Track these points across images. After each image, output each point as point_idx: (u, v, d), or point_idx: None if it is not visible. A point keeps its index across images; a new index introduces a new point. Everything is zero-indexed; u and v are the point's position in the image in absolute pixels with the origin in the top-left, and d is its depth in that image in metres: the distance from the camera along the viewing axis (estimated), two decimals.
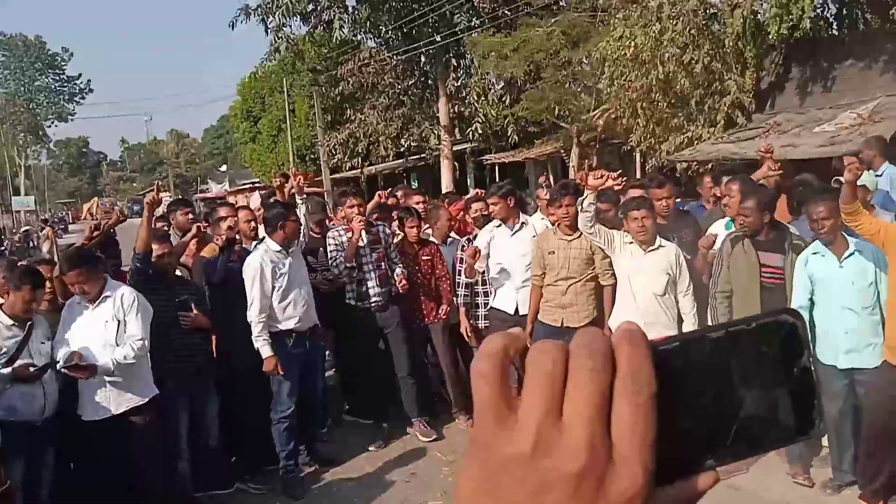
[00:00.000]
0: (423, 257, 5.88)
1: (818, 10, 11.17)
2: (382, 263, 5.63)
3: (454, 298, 5.89)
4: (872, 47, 10.06)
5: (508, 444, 0.39)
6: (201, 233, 5.37)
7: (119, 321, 4.27)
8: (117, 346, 4.23)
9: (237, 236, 5.40)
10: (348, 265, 5.44)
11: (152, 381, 4.46)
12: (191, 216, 6.04)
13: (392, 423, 5.89)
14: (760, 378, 0.40)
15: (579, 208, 4.72)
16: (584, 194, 4.66)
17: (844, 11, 11.90)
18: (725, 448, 0.40)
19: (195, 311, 4.83)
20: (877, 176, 6.00)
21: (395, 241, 5.91)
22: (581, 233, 4.93)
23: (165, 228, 5.85)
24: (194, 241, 5.40)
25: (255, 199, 6.30)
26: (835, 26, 12.07)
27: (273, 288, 4.87)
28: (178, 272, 5.11)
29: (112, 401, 4.29)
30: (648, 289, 4.63)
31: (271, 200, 6.05)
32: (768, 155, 5.41)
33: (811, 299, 4.24)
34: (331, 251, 5.56)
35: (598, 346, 0.40)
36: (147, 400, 4.39)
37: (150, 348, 4.38)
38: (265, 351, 4.83)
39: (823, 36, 11.46)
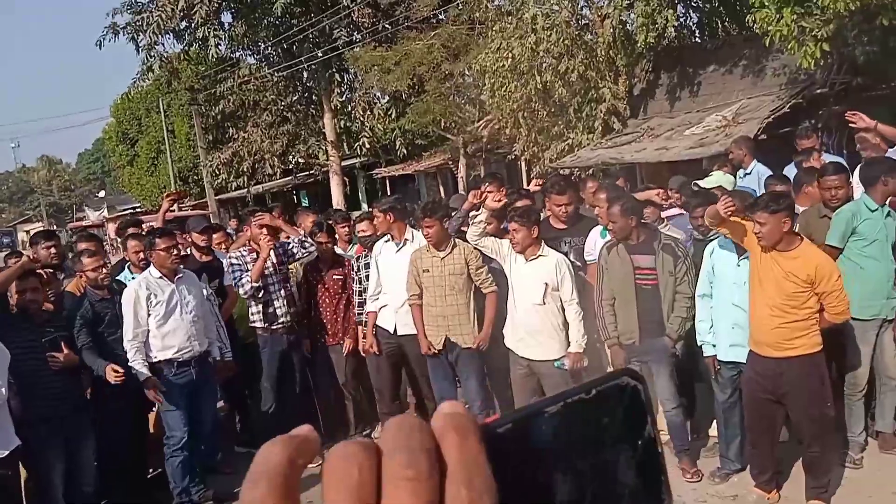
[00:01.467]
0: (335, 276, 5.70)
1: (681, 20, 11.79)
2: (288, 284, 5.53)
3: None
4: (732, 53, 10.68)
5: None
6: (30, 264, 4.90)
7: None
8: None
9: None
10: (255, 285, 5.23)
11: (13, 431, 4.06)
12: (53, 249, 5.59)
13: None
14: (604, 455, 0.36)
15: (471, 222, 4.70)
16: (480, 210, 4.66)
17: (705, 20, 12.61)
18: None
19: (65, 351, 4.48)
20: (745, 174, 6.32)
21: (310, 257, 5.75)
22: (452, 248, 4.95)
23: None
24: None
25: (111, 228, 5.97)
26: (697, 34, 12.77)
27: (149, 315, 4.63)
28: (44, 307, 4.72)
29: None
30: (528, 298, 4.65)
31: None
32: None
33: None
34: (233, 270, 5.35)
35: (417, 442, 0.31)
36: (6, 453, 3.99)
37: (14, 393, 4.03)
38: (142, 373, 4.58)
39: (687, 43, 12.10)
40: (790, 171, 5.83)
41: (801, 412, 3.98)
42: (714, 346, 4.40)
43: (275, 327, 5.42)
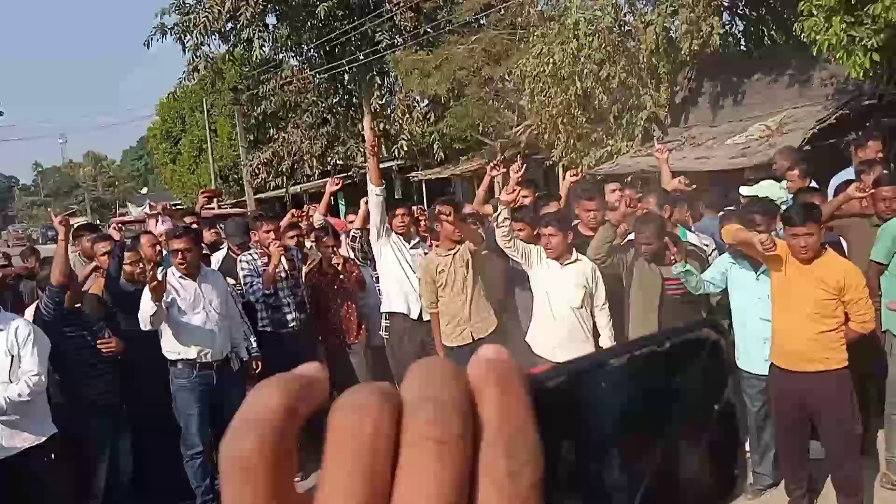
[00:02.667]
0: (340, 277, 5.72)
1: (727, 27, 11.64)
2: (298, 289, 5.49)
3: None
4: (778, 62, 10.50)
5: None
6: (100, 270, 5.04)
7: (13, 356, 3.97)
8: (10, 382, 3.94)
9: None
10: (266, 291, 5.25)
11: (50, 419, 4.16)
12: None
13: (308, 456, 5.67)
14: (675, 421, 0.31)
15: (494, 224, 4.68)
16: (499, 210, 4.63)
17: (751, 28, 12.42)
18: None
19: (113, 338, 4.58)
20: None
21: (314, 261, 5.76)
22: (460, 244, 4.94)
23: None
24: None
25: (160, 225, 5.99)
26: (742, 42, 12.58)
27: (171, 314, 4.62)
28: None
29: (5, 441, 3.98)
30: (566, 302, 4.62)
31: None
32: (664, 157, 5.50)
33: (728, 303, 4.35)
34: (244, 276, 5.32)
35: (448, 394, 0.25)
36: (44, 440, 4.09)
37: (68, 385, 4.14)
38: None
39: (732, 52, 11.93)
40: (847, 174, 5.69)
41: (830, 429, 3.90)
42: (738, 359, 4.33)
43: (283, 331, 5.36)
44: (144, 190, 57.00)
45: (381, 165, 20.81)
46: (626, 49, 11.11)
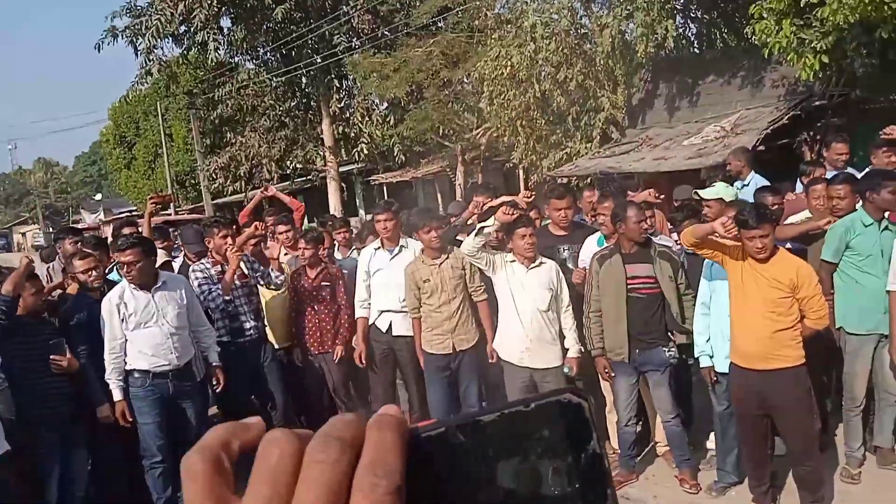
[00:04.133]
0: (323, 283, 5.64)
1: (680, 30, 11.81)
2: (253, 297, 5.41)
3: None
4: (731, 63, 10.69)
5: None
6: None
7: None
8: None
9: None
10: (226, 297, 5.15)
11: (3, 437, 4.02)
12: (79, 244, 5.55)
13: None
14: (540, 466, 0.36)
15: (473, 236, 4.65)
16: (491, 222, 4.62)
17: (704, 31, 12.64)
18: None
19: (68, 355, 4.48)
20: (744, 185, 6.30)
21: (291, 267, 5.70)
22: (448, 254, 4.94)
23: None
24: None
25: (107, 230, 5.89)
26: (696, 45, 12.80)
27: (127, 326, 4.52)
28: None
29: None
30: (533, 305, 4.63)
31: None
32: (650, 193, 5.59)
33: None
34: (199, 286, 5.18)
35: (340, 433, 0.35)
36: None
37: (15, 397, 4.02)
38: (115, 394, 4.53)
39: (686, 54, 12.12)
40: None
41: (789, 425, 3.98)
42: (711, 356, 4.38)
43: (241, 340, 5.28)
44: (98, 196, 55.74)
45: (342, 168, 20.58)
46: (583, 52, 11.20)
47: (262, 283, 5.36)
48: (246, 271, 5.24)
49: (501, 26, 11.97)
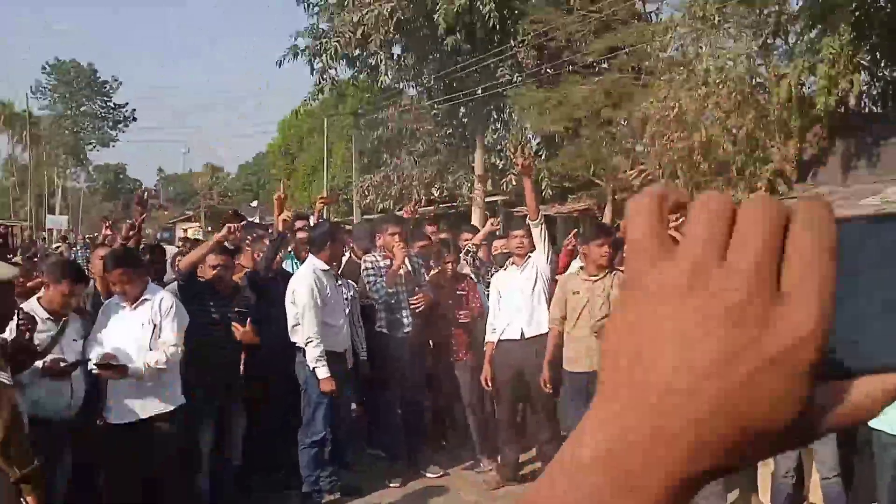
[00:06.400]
0: (458, 292, 5.79)
1: (865, 87, 11.18)
2: (415, 294, 5.60)
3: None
4: None
5: (662, 278, 0.33)
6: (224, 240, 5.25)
7: (155, 325, 4.24)
8: (150, 350, 4.19)
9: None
10: (389, 290, 5.38)
11: (180, 391, 4.39)
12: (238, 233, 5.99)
13: (413, 461, 5.73)
14: None
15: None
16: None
17: (891, 90, 11.89)
18: None
19: (248, 326, 4.80)
20: None
21: (432, 273, 5.88)
22: (606, 274, 4.92)
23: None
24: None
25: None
26: (880, 104, 12.05)
27: (322, 308, 4.85)
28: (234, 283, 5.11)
29: (138, 405, 4.23)
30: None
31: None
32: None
33: None
34: (368, 276, 5.47)
35: (771, 202, 0.34)
36: (173, 408, 4.32)
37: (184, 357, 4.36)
38: (322, 372, 4.77)
39: (869, 112, 11.44)
40: None
41: None
42: (883, 415, 4.06)
43: (399, 335, 5.49)
44: (255, 203, 59.46)
45: (488, 199, 20.80)
46: (756, 101, 10.84)
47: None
48: (410, 269, 5.48)
49: (672, 69, 11.80)
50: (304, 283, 4.88)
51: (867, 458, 4.53)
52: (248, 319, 4.79)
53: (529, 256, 5.40)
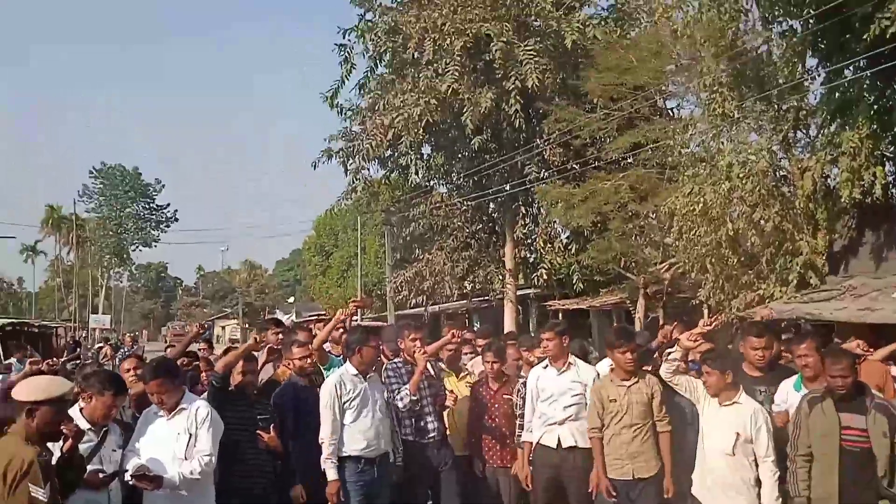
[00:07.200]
0: (504, 396, 5.80)
1: (890, 178, 11.24)
2: (439, 398, 5.61)
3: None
4: None
5: None
6: (257, 346, 5.39)
7: (191, 434, 4.34)
8: (185, 459, 4.29)
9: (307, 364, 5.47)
10: (413, 398, 5.41)
11: (214, 499, 4.45)
12: (281, 336, 6.11)
13: None
14: None
15: (665, 359, 4.75)
16: (675, 348, 4.72)
17: None
18: None
19: (272, 433, 4.90)
20: None
21: (475, 378, 5.95)
22: (638, 378, 4.93)
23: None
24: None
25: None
26: None
27: (344, 411, 4.94)
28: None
29: None
30: (718, 446, 4.50)
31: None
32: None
33: None
34: (390, 382, 5.49)
35: None
36: None
37: (220, 463, 4.43)
38: (330, 474, 4.86)
39: None
40: None
41: None
42: None
43: (425, 441, 5.48)
44: (291, 299, 60.31)
45: (519, 292, 20.85)
46: (781, 193, 10.97)
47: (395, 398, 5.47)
48: (432, 373, 5.54)
49: (695, 164, 12.03)
50: (325, 387, 5.02)
51: None
52: (272, 426, 4.89)
53: (570, 363, 5.40)
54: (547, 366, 5.48)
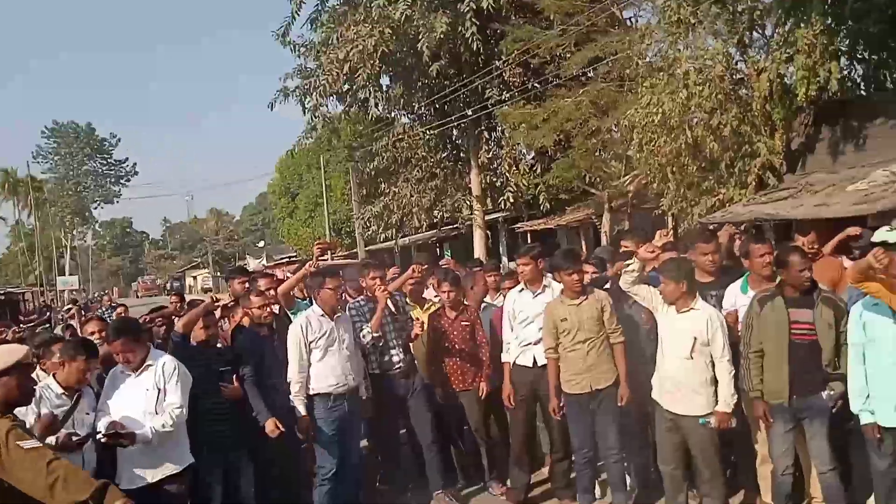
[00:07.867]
0: (462, 323, 5.89)
1: (845, 72, 11.26)
2: (403, 332, 5.74)
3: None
4: None
5: None
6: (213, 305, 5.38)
7: (159, 389, 4.35)
8: (156, 414, 4.30)
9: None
10: (375, 334, 5.48)
11: (188, 450, 4.49)
12: (246, 284, 6.11)
13: (418, 493, 5.82)
14: None
15: (623, 270, 4.81)
16: (632, 259, 4.77)
17: (871, 73, 11.95)
18: None
19: (235, 384, 5.00)
20: None
21: (434, 308, 6.00)
22: (587, 297, 5.03)
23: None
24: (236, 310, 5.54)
25: (279, 273, 6.43)
26: (862, 86, 12.11)
27: (311, 350, 5.07)
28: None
29: (148, 469, 4.32)
30: (676, 351, 4.61)
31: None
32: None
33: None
34: (354, 320, 5.57)
35: None
36: (182, 468, 4.41)
37: (187, 417, 4.45)
38: (300, 410, 5.02)
39: (852, 97, 11.51)
40: None
41: None
42: (872, 412, 4.07)
43: (390, 373, 5.65)
44: (262, 243, 59.94)
45: (488, 217, 21.01)
46: (738, 97, 10.95)
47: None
48: (393, 309, 5.60)
49: (653, 74, 11.93)
50: (292, 328, 5.16)
51: (861, 451, 4.56)
52: (234, 377, 4.98)
53: (546, 285, 5.44)
54: (523, 289, 5.53)
